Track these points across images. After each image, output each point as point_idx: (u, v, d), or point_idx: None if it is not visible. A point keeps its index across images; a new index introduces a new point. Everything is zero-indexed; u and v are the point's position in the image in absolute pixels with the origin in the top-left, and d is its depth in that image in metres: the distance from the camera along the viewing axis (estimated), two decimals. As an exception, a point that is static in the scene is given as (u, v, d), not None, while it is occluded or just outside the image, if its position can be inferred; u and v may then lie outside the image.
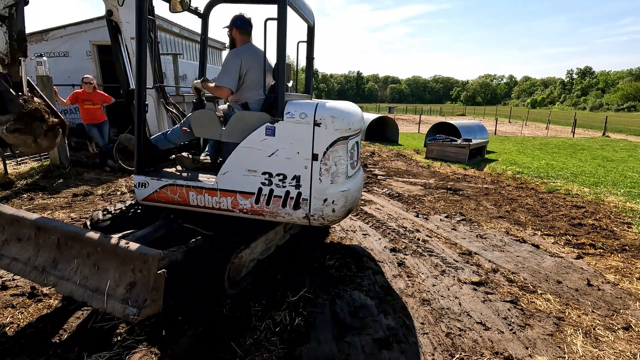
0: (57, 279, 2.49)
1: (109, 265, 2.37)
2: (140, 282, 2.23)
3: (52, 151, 7.18)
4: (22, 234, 2.77)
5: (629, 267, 4.05)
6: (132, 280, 2.26)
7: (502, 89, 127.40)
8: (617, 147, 14.80)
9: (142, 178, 3.18)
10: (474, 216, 5.65)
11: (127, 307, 2.19)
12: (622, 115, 52.77)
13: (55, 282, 2.48)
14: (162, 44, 10.96)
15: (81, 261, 2.49)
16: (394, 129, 15.76)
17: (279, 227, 3.61)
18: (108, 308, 2.24)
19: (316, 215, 3.01)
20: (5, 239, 2.81)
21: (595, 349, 2.71)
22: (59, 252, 2.59)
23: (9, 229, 2.83)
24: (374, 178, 8.11)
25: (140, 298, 2.18)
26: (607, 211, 6.01)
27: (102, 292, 2.29)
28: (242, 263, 3.19)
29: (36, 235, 2.70)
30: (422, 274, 3.76)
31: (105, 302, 2.25)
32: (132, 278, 2.26)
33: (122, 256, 2.31)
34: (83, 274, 2.43)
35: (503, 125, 28.62)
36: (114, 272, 2.34)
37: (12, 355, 2.43)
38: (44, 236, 2.66)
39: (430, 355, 2.59)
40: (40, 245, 2.68)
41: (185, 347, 2.56)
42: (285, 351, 2.56)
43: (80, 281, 2.41)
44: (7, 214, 2.81)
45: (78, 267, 2.49)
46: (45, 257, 2.62)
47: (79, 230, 2.54)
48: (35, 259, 2.65)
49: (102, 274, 2.38)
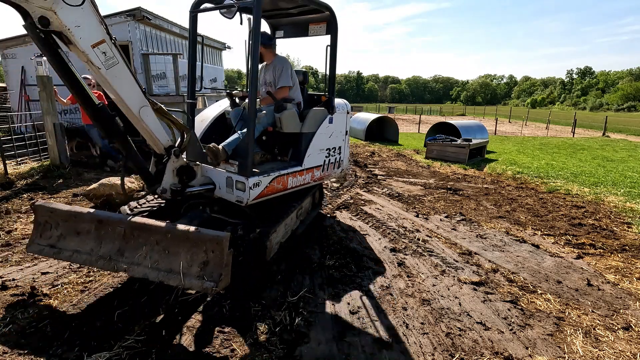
0: (128, 265, 2.76)
1: (180, 249, 2.69)
2: (212, 260, 2.59)
3: (52, 151, 7.19)
4: (80, 228, 3.01)
5: (629, 267, 4.05)
6: (205, 259, 2.61)
7: (502, 89, 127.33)
8: (617, 147, 14.80)
9: (255, 179, 3.43)
10: (474, 216, 5.65)
11: (204, 281, 2.53)
12: (622, 115, 52.76)
13: (127, 268, 2.75)
14: (162, 44, 10.97)
15: (150, 248, 2.78)
16: (394, 129, 15.76)
17: (293, 214, 4.13)
18: (186, 285, 2.58)
19: (344, 169, 4.87)
20: (61, 234, 3.05)
21: (595, 349, 2.72)
22: (125, 242, 2.85)
23: (64, 225, 3.05)
24: (374, 178, 8.11)
25: (215, 273, 2.54)
26: (607, 211, 6.01)
27: (177, 272, 2.62)
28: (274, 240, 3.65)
29: (97, 228, 2.96)
30: (422, 274, 3.76)
31: (183, 280, 2.57)
32: (205, 257, 2.61)
33: (194, 240, 2.64)
34: (153, 259, 2.74)
35: (503, 125, 28.62)
36: (185, 254, 2.67)
37: (13, 355, 2.43)
38: (107, 228, 2.92)
39: (430, 355, 2.59)
40: (102, 236, 2.93)
41: (185, 347, 2.57)
42: (285, 351, 2.56)
43: (151, 265, 2.72)
44: (62, 211, 3.06)
45: (147, 253, 2.77)
46: (109, 247, 2.88)
47: (145, 222, 2.83)
48: (98, 249, 2.90)
49: (173, 257, 2.70)
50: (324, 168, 4.38)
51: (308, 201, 4.67)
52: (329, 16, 4.16)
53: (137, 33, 9.40)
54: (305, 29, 4.53)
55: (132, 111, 2.95)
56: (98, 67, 2.60)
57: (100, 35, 2.56)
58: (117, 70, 2.71)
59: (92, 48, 2.53)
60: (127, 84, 2.84)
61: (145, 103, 3.03)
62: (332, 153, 4.45)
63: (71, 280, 3.35)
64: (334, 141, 4.46)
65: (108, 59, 2.65)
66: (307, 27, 4.51)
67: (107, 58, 2.63)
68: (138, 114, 2.98)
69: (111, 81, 2.71)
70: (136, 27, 9.38)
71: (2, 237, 4.26)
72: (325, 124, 4.24)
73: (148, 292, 3.18)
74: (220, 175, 3.55)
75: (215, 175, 3.59)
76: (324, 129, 4.22)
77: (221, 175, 3.54)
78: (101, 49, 2.59)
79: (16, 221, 4.74)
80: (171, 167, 3.23)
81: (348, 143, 4.84)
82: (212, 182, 3.61)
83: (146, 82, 9.47)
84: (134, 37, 9.27)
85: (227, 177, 3.48)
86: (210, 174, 3.63)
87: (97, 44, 2.55)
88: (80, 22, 2.43)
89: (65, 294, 3.13)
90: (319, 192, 5.21)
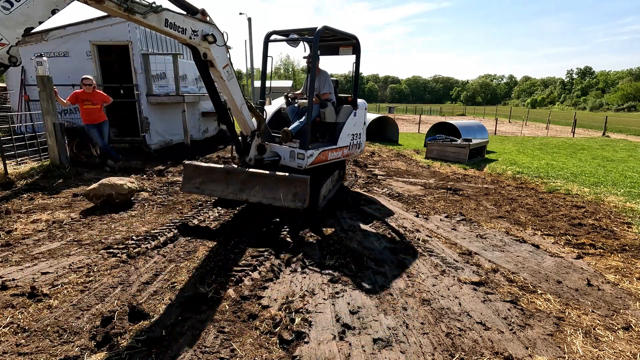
0: (248, 195, 4.70)
1: (280, 186, 4.58)
2: (300, 191, 4.49)
3: (52, 151, 7.19)
4: (215, 177, 4.97)
5: (629, 267, 4.05)
6: (295, 191, 4.51)
7: (502, 89, 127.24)
8: (617, 147, 14.80)
9: (310, 151, 5.09)
10: (474, 216, 5.65)
11: (296, 202, 4.46)
12: (622, 115, 52.75)
13: (247, 197, 4.71)
14: (162, 44, 10.96)
15: (261, 186, 4.69)
16: (394, 129, 15.75)
17: (329, 179, 5.94)
18: (285, 204, 4.51)
19: (362, 149, 6.58)
20: (202, 181, 5.01)
21: (595, 349, 2.71)
22: (244, 184, 4.77)
23: (204, 175, 5.02)
24: (374, 178, 8.11)
25: (302, 199, 4.45)
26: (607, 211, 6.01)
27: (279, 198, 4.53)
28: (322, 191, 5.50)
29: (226, 177, 4.91)
30: (422, 274, 3.76)
31: (283, 202, 4.51)
32: (295, 190, 4.52)
33: (289, 180, 4.55)
34: (263, 192, 4.65)
35: (503, 125, 28.62)
36: (284, 188, 4.56)
37: (13, 355, 2.43)
38: (232, 176, 4.87)
39: (430, 355, 2.59)
40: (229, 181, 4.87)
41: (186, 347, 2.57)
42: (285, 351, 2.56)
43: (263, 195, 4.64)
44: (203, 167, 5.04)
45: (259, 189, 4.68)
46: (234, 187, 4.81)
47: (258, 171, 4.75)
48: (227, 188, 4.85)
49: (275, 190, 4.59)
50: (350, 148, 6.08)
51: (337, 173, 6.49)
52: (355, 42, 5.95)
53: (137, 33, 9.38)
54: (336, 50, 6.31)
55: (237, 107, 4.78)
56: (224, 80, 4.43)
57: (227, 61, 4.42)
58: (233, 81, 4.58)
59: (223, 68, 4.38)
60: (237, 90, 4.70)
61: (244, 102, 4.85)
62: (355, 137, 6.16)
63: (71, 280, 3.35)
64: (357, 129, 6.18)
65: (230, 75, 4.50)
66: (338, 49, 6.29)
67: (229, 75, 4.48)
68: (240, 108, 4.81)
69: (230, 88, 4.54)
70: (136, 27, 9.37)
71: (2, 237, 4.26)
72: (352, 117, 5.96)
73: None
74: (285, 150, 5.20)
75: (281, 150, 5.25)
76: (350, 120, 5.93)
77: (286, 150, 5.20)
78: (226, 69, 4.43)
79: (16, 221, 4.74)
80: (254, 144, 5.15)
81: (365, 131, 6.55)
82: (278, 155, 5.27)
83: (146, 82, 9.47)
84: (134, 37, 9.25)
85: (291, 150, 5.13)
86: (277, 149, 5.29)
87: (225, 66, 4.41)
88: (219, 55, 4.28)
89: (65, 294, 3.13)
90: (342, 169, 6.89)
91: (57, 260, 3.72)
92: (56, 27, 9.50)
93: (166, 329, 2.73)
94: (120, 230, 4.58)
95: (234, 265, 3.71)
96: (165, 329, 2.73)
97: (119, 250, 3.99)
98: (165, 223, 4.84)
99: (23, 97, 9.91)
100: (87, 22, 9.43)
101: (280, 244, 4.27)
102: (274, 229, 4.75)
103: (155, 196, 6.08)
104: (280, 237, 4.45)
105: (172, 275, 3.52)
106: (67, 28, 9.43)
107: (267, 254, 3.98)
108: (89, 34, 9.26)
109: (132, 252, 3.93)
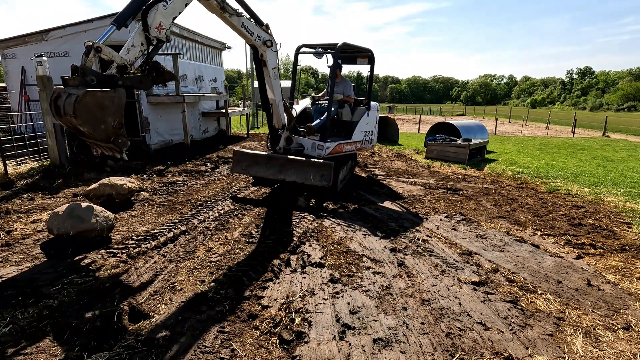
0: (285, 175, 5.90)
1: (310, 169, 5.75)
2: (326, 173, 5.66)
3: (52, 151, 7.19)
4: (259, 161, 6.18)
5: (629, 267, 4.05)
6: (323, 173, 5.68)
7: (502, 89, 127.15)
8: (617, 147, 14.80)
9: (328, 144, 6.24)
10: (474, 216, 5.65)
11: (322, 182, 5.65)
12: (622, 115, 52.74)
13: (285, 177, 5.91)
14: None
15: (295, 169, 5.85)
16: (394, 129, 15.74)
17: (345, 167, 6.90)
18: (314, 183, 5.70)
19: (373, 144, 7.72)
20: (248, 164, 6.28)
21: (595, 349, 2.71)
22: (282, 167, 5.96)
23: (249, 160, 6.29)
24: (374, 178, 8.11)
25: (327, 179, 5.64)
26: (607, 211, 6.01)
27: (309, 178, 5.73)
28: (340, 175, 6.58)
29: (267, 162, 6.09)
30: (422, 274, 3.76)
31: (313, 181, 5.70)
32: (323, 172, 5.68)
33: (317, 165, 5.72)
34: (296, 174, 5.84)
35: (503, 125, 28.62)
36: (313, 171, 5.74)
37: (13, 355, 2.43)
38: (272, 162, 6.06)
39: (430, 355, 2.59)
40: (269, 166, 6.05)
41: (186, 347, 2.57)
42: (285, 351, 2.56)
43: (297, 176, 5.83)
44: (250, 154, 6.33)
45: (293, 171, 5.86)
46: (273, 170, 6.01)
47: (293, 158, 5.90)
48: (267, 170, 6.06)
49: (306, 172, 5.77)
50: (362, 142, 7.19)
51: (350, 163, 7.45)
52: (370, 55, 7.31)
53: (137, 33, 9.39)
54: (355, 60, 7.68)
55: (276, 102, 5.87)
56: (271, 78, 5.62)
57: (275, 64, 5.65)
58: (277, 81, 5.74)
59: (272, 69, 5.59)
60: (278, 88, 5.80)
61: (281, 99, 5.95)
62: (367, 134, 7.25)
63: (71, 280, 3.35)
64: (369, 127, 7.27)
65: (275, 75, 5.68)
66: (356, 60, 7.64)
67: (275, 75, 5.67)
68: (278, 103, 5.90)
69: (274, 85, 5.68)
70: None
71: (2, 237, 4.26)
72: (365, 117, 7.06)
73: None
74: (308, 142, 6.34)
75: (304, 142, 6.39)
76: (364, 119, 7.03)
77: (308, 142, 6.33)
78: (274, 70, 5.64)
79: (16, 221, 4.74)
80: (284, 136, 6.33)
81: (377, 129, 7.59)
82: (302, 146, 6.40)
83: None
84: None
85: (312, 142, 6.26)
86: (301, 141, 6.44)
87: (273, 68, 5.62)
88: (271, 58, 5.49)
89: (65, 294, 3.13)
90: (354, 161, 8.00)
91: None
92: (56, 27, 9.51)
93: (166, 329, 2.73)
94: (120, 230, 4.58)
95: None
96: (165, 329, 2.73)
97: (119, 250, 3.99)
98: (165, 223, 4.84)
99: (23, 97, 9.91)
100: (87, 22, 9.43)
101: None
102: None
103: (155, 196, 6.08)
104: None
105: (172, 275, 3.52)
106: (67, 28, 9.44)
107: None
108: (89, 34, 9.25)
109: (132, 252, 3.93)
